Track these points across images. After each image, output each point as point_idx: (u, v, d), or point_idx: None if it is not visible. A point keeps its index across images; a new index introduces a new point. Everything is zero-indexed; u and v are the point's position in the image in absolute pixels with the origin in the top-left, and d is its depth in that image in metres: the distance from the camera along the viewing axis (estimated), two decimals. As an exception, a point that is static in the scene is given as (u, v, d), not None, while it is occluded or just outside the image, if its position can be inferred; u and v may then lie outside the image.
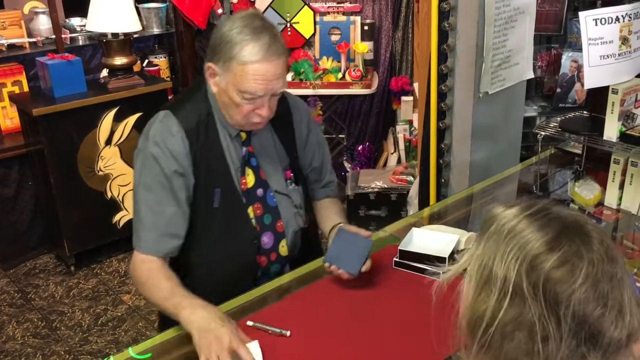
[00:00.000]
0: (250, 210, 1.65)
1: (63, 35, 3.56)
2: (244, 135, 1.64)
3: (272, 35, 1.51)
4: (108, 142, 3.28)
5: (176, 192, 1.56)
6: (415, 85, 3.48)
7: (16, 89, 3.44)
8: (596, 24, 1.69)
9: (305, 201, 1.78)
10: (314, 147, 1.82)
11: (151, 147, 1.55)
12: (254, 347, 1.35)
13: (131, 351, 1.40)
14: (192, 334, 1.36)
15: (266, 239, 1.67)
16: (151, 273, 1.54)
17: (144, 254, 1.56)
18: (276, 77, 1.51)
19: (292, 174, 1.74)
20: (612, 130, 1.79)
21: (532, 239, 0.77)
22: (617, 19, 1.68)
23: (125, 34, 3.30)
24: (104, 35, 3.30)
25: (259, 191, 1.67)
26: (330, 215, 1.81)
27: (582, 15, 1.68)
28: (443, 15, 2.11)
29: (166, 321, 1.55)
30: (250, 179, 1.65)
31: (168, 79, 4.02)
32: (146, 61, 3.92)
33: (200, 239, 1.62)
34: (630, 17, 1.70)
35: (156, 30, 4.04)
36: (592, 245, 0.77)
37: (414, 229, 1.72)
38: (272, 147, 1.71)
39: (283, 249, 1.71)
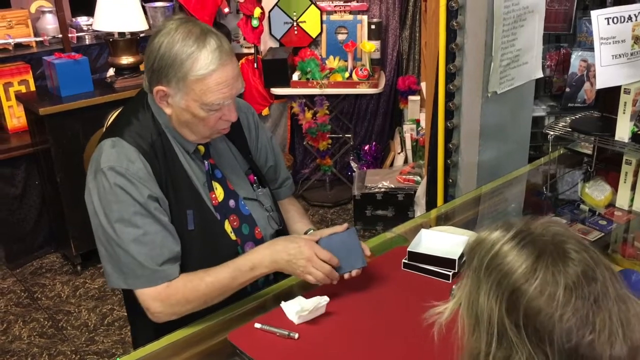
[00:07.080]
0: (226, 224, 1.57)
1: (70, 35, 3.57)
2: (202, 148, 1.57)
3: (215, 35, 1.42)
4: (114, 141, 3.28)
5: (157, 216, 1.43)
6: (423, 84, 3.46)
7: (23, 88, 3.45)
8: (608, 23, 1.67)
9: (274, 201, 1.73)
10: (265, 145, 1.75)
11: (113, 179, 1.42)
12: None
13: None
14: (285, 270, 1.49)
15: (249, 250, 1.58)
16: (186, 287, 1.44)
17: (152, 288, 1.43)
18: (236, 79, 1.44)
19: (255, 178, 1.69)
20: (624, 130, 1.77)
21: (509, 272, 0.78)
22: (630, 18, 1.66)
23: (131, 33, 3.30)
24: (111, 34, 3.30)
25: (231, 202, 1.60)
26: (294, 221, 1.79)
27: (594, 14, 1.66)
28: (451, 14, 2.10)
29: (139, 337, 1.54)
30: (219, 192, 1.58)
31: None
32: (152, 60, 3.91)
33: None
34: (642, 16, 1.68)
35: (163, 30, 4.03)
36: (567, 267, 0.76)
37: (423, 230, 1.70)
38: (229, 155, 1.65)
39: None
